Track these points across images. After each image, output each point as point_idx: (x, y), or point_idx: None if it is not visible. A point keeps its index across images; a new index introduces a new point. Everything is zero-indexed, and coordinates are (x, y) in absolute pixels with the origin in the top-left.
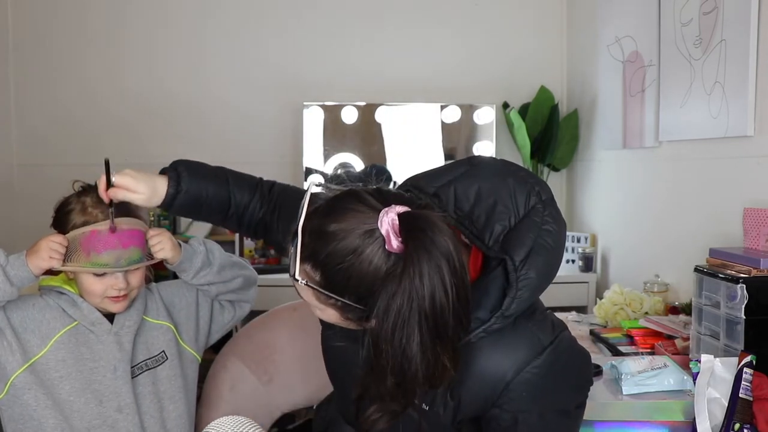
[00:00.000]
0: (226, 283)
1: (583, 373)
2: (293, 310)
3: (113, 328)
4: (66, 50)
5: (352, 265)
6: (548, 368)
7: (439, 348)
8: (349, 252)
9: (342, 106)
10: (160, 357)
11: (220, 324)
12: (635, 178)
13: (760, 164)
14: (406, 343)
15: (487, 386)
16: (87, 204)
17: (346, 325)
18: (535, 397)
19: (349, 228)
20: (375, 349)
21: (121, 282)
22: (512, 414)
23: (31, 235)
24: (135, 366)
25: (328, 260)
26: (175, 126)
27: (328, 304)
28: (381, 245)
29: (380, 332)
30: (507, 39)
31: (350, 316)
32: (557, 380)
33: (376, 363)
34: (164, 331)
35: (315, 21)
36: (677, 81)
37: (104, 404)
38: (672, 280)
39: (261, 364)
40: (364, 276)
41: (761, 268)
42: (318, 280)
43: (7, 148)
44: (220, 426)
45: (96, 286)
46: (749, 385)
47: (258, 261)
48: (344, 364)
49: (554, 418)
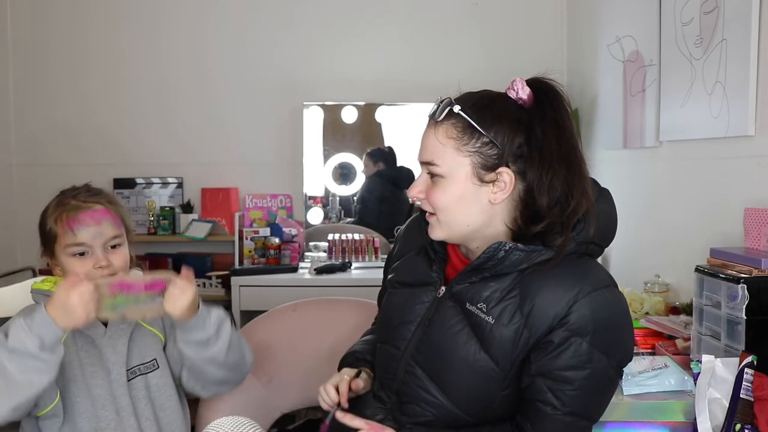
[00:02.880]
0: (204, 371)
1: (629, 340)
2: (293, 310)
3: (108, 331)
4: (65, 51)
5: (497, 105)
6: (612, 302)
7: None
8: (495, 96)
9: (342, 106)
10: (151, 364)
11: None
12: (636, 178)
13: (761, 164)
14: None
15: (561, 297)
16: (63, 198)
17: (469, 184)
18: (595, 321)
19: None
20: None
21: (102, 260)
22: (568, 334)
23: (30, 235)
24: (129, 370)
25: (480, 102)
26: (175, 126)
27: (467, 153)
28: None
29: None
30: (507, 39)
31: (485, 162)
32: (615, 319)
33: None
34: (156, 339)
35: (315, 21)
36: (678, 81)
37: (106, 408)
38: (673, 280)
39: (261, 364)
40: (508, 112)
41: (762, 268)
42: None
43: (6, 148)
44: (220, 426)
45: (79, 268)
46: (750, 386)
47: (258, 261)
48: (403, 303)
49: (598, 361)
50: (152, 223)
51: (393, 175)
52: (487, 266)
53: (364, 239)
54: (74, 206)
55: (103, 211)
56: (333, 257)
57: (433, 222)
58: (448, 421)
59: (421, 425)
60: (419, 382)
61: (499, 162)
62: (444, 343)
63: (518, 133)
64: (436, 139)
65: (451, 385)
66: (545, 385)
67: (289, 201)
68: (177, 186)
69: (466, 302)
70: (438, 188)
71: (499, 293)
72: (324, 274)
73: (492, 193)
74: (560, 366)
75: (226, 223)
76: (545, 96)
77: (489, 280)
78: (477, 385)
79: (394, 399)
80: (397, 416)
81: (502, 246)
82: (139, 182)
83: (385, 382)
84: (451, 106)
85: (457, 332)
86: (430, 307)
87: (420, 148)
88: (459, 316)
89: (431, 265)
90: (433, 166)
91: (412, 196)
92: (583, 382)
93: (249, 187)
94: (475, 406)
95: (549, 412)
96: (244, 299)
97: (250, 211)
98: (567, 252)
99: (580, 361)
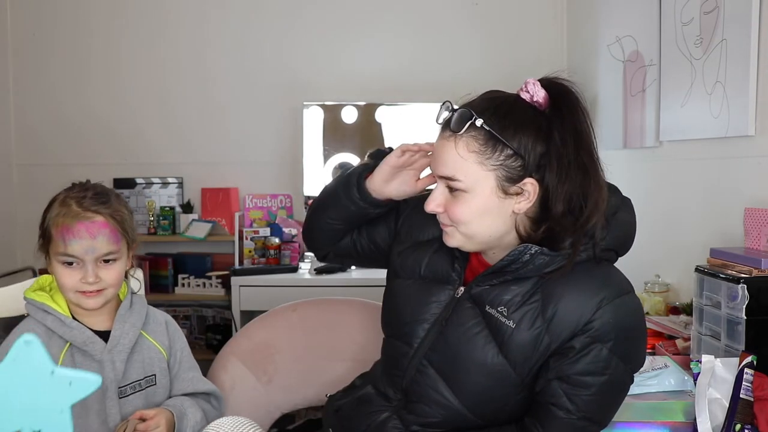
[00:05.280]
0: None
1: (645, 347)
2: (293, 310)
3: (108, 346)
4: (65, 50)
5: (517, 112)
6: (634, 310)
7: None
8: (512, 101)
9: (342, 106)
10: (150, 379)
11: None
12: (636, 178)
13: (761, 164)
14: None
15: (585, 304)
16: (68, 197)
17: (493, 197)
18: (618, 328)
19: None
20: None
21: (90, 275)
22: (590, 340)
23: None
24: (127, 385)
25: (499, 109)
26: (175, 126)
27: (491, 167)
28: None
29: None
30: (507, 39)
31: (509, 175)
32: (636, 327)
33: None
34: (160, 356)
35: (315, 21)
36: (678, 81)
37: (105, 424)
38: (673, 280)
39: (261, 364)
40: (529, 120)
41: (762, 268)
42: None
43: (6, 147)
44: (220, 426)
45: (66, 279)
46: (750, 386)
47: (258, 261)
48: (417, 299)
49: (616, 367)
50: (152, 223)
51: None
52: (509, 269)
53: None
54: (73, 213)
55: (102, 224)
56: None
57: (449, 231)
58: (456, 423)
59: (427, 426)
60: (431, 383)
61: (523, 174)
62: (460, 345)
63: (540, 141)
64: (456, 153)
65: (464, 387)
66: (561, 389)
67: (289, 201)
68: (177, 186)
69: (486, 305)
70: (459, 203)
71: (520, 297)
72: (324, 274)
73: (516, 204)
74: (579, 371)
75: (226, 223)
76: (562, 99)
77: (510, 283)
78: (491, 389)
79: (401, 397)
80: (404, 415)
81: (527, 249)
82: (139, 182)
83: (393, 380)
84: (472, 119)
85: (475, 335)
86: (447, 307)
87: (436, 161)
88: (477, 318)
89: (453, 263)
90: (455, 181)
91: (431, 210)
92: (600, 387)
93: (249, 187)
94: (486, 409)
95: (562, 416)
96: (244, 299)
97: (250, 211)
98: (588, 258)
99: (599, 367)
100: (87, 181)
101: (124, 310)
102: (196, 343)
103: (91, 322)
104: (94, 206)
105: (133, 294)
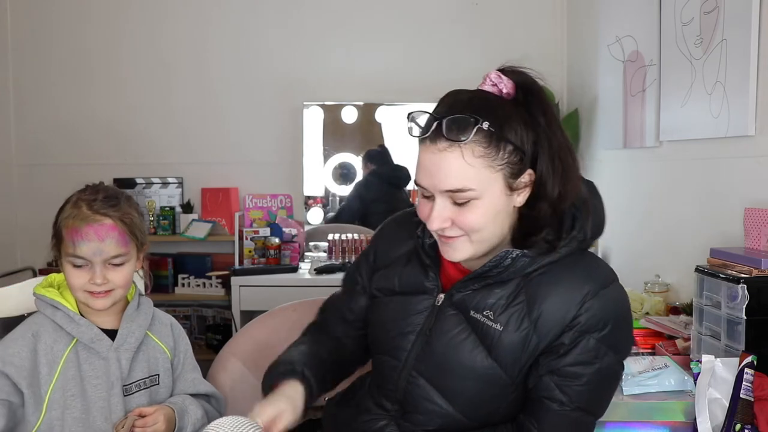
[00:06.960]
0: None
1: (632, 334)
2: (293, 310)
3: (114, 344)
4: (64, 50)
5: (498, 106)
6: (618, 299)
7: None
8: (485, 96)
9: (342, 106)
10: (154, 378)
11: None
12: (636, 178)
13: (761, 164)
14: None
15: (569, 301)
16: (79, 199)
17: (503, 197)
18: (605, 319)
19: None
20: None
21: (98, 277)
22: (578, 334)
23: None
24: (132, 383)
25: (484, 106)
26: (175, 126)
27: (498, 168)
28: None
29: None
30: (507, 38)
31: (513, 171)
32: (622, 316)
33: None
34: (164, 356)
35: (315, 21)
36: (678, 81)
37: (109, 421)
38: (673, 280)
39: (261, 364)
40: (511, 111)
41: (762, 268)
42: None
43: (6, 148)
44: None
45: (75, 279)
46: (750, 386)
47: (258, 261)
48: (398, 312)
49: (606, 356)
50: (152, 223)
51: (390, 174)
52: (491, 274)
53: (364, 239)
54: (83, 216)
55: (111, 227)
56: (333, 257)
57: (458, 244)
58: (453, 428)
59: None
60: (423, 393)
61: (523, 166)
62: (448, 353)
63: (529, 130)
64: (464, 161)
65: (456, 393)
66: (553, 382)
67: (289, 201)
68: (177, 186)
69: (471, 310)
70: (470, 211)
71: (504, 300)
72: (324, 274)
73: (517, 198)
74: (568, 362)
75: (226, 223)
76: (527, 86)
77: (493, 286)
78: (483, 392)
79: (397, 408)
80: (401, 423)
81: (508, 254)
82: (139, 182)
83: (387, 393)
84: (478, 124)
85: (462, 341)
86: (429, 316)
87: (433, 177)
88: (462, 324)
89: (426, 272)
90: (466, 192)
91: (437, 228)
92: (590, 377)
93: (249, 187)
94: (481, 412)
95: (556, 408)
96: (244, 299)
97: (250, 211)
98: (567, 253)
99: (588, 357)
100: (100, 183)
101: (131, 310)
102: (196, 343)
103: (99, 321)
104: (103, 209)
105: (140, 296)
